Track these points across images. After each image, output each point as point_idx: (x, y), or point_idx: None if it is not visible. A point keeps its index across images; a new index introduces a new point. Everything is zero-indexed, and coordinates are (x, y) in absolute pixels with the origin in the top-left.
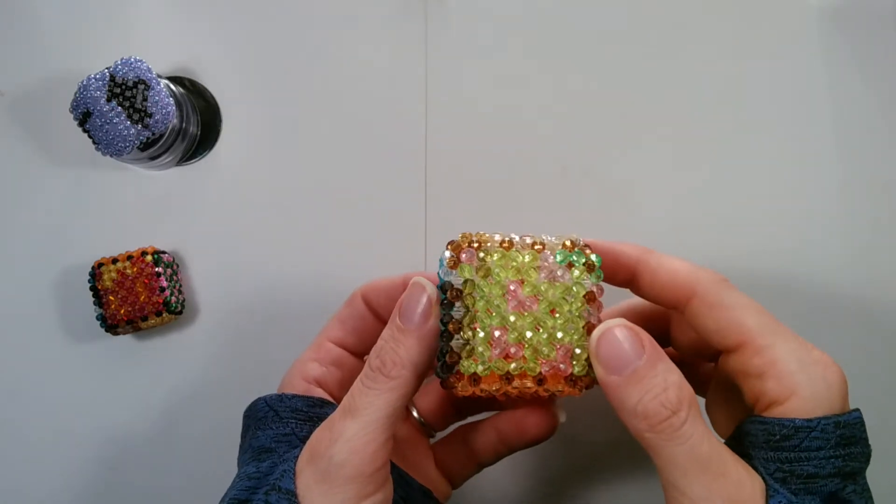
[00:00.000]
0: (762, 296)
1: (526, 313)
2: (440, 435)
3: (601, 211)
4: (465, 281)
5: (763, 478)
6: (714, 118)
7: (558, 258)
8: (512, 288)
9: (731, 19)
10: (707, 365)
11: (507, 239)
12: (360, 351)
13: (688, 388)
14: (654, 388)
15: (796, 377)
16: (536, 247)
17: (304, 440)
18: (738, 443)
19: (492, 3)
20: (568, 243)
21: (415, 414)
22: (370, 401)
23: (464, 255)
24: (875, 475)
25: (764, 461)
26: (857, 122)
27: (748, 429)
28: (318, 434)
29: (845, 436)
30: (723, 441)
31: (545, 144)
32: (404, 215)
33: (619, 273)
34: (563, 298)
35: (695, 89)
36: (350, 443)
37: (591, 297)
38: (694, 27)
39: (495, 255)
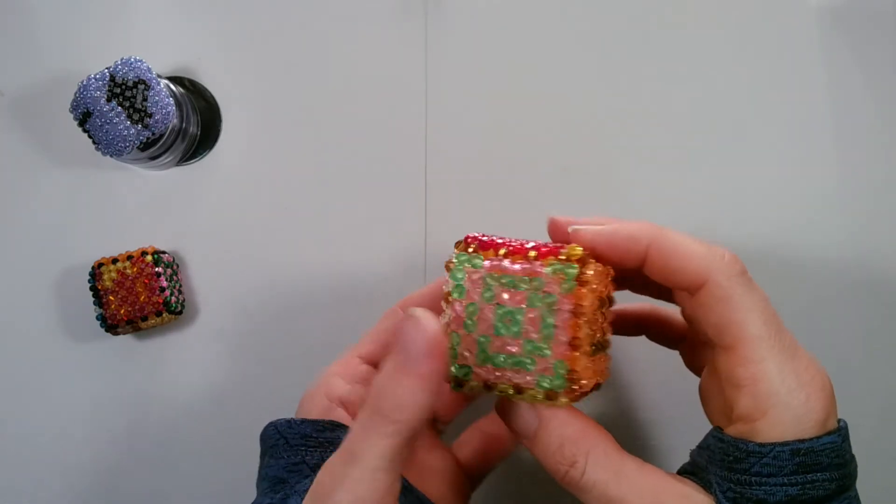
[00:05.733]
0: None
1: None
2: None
3: (601, 211)
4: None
5: (716, 495)
6: (714, 119)
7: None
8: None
9: (731, 19)
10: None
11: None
12: None
13: (585, 440)
14: (549, 446)
15: (773, 399)
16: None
17: (314, 468)
18: (702, 454)
19: (492, 3)
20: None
21: None
22: (369, 446)
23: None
24: (876, 473)
25: (719, 479)
26: (857, 122)
27: (709, 442)
28: (321, 477)
29: (805, 463)
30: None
31: (545, 144)
32: (405, 215)
33: (629, 261)
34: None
35: (695, 89)
36: (352, 492)
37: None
38: (694, 27)
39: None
